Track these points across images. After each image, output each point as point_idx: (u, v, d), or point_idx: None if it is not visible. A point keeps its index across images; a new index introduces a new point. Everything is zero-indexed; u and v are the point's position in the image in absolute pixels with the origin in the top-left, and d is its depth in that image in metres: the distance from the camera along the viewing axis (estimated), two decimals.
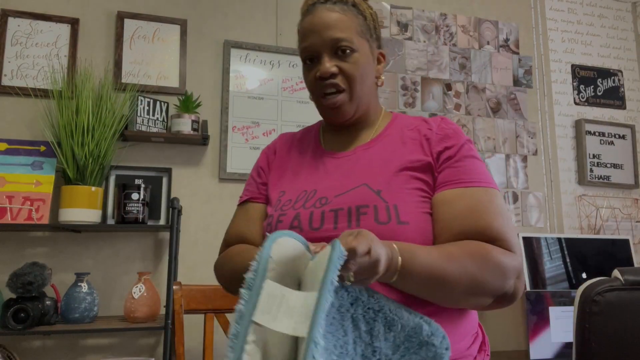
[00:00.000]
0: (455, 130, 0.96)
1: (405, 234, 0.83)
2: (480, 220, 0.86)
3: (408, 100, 2.57)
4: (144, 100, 2.09)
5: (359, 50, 0.96)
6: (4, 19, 2.07)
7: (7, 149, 1.94)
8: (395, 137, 0.98)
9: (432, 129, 0.96)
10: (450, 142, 0.94)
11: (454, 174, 0.91)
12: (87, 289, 1.84)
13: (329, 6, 0.96)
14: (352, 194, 0.90)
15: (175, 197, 1.95)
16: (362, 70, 0.96)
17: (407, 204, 0.87)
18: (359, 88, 0.96)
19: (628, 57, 3.04)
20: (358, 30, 0.96)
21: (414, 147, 0.95)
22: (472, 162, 0.93)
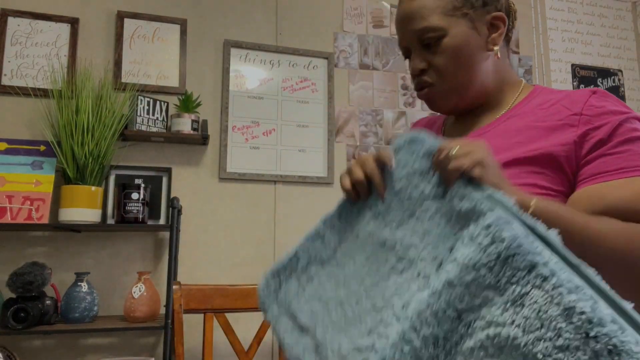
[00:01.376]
0: (611, 107, 0.75)
1: None
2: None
3: (408, 100, 2.57)
4: (144, 100, 2.09)
5: (450, 33, 0.81)
6: (4, 18, 2.06)
7: (7, 148, 1.94)
8: (521, 120, 0.82)
9: (574, 108, 0.77)
10: (600, 123, 0.74)
11: (609, 163, 0.72)
12: (87, 288, 1.84)
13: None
14: None
15: (175, 197, 1.95)
16: (456, 55, 0.82)
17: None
18: (455, 77, 0.83)
19: (628, 57, 3.04)
20: (447, 9, 0.82)
21: (540, 132, 0.77)
22: (634, 144, 0.72)
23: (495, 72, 0.87)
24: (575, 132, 0.75)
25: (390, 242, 0.65)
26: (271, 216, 2.27)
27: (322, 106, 2.42)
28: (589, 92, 0.78)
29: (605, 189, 0.71)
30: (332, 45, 2.49)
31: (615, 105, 0.76)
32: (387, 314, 0.61)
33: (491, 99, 0.88)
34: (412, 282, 0.60)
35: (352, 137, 2.45)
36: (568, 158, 0.74)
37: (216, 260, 2.18)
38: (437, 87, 0.85)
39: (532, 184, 0.74)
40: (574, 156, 0.74)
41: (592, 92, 0.78)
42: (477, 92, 0.86)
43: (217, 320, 1.48)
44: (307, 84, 2.42)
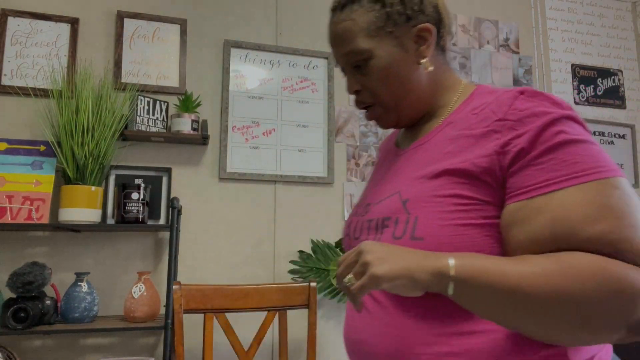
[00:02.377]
0: (536, 108, 0.69)
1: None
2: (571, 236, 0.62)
3: None
4: (144, 100, 2.09)
5: (376, 53, 0.81)
6: (4, 18, 2.06)
7: (7, 148, 1.94)
8: (455, 128, 0.79)
9: (498, 112, 0.72)
10: (521, 130, 0.68)
11: (531, 177, 0.67)
12: (87, 288, 1.83)
13: (336, 16, 0.85)
14: (384, 204, 0.80)
15: (175, 197, 1.95)
16: (385, 76, 0.81)
17: (431, 215, 0.71)
18: (390, 96, 0.83)
19: (628, 57, 3.04)
20: (370, 30, 0.81)
21: (470, 141, 0.74)
22: (562, 151, 0.66)
23: (431, 82, 0.85)
24: (498, 141, 0.70)
25: None
26: (271, 216, 2.27)
27: (322, 106, 2.42)
28: (516, 93, 0.73)
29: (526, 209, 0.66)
30: None
31: (541, 105, 0.70)
32: None
33: (433, 107, 0.87)
34: None
35: (352, 137, 2.45)
36: (491, 170, 0.70)
37: (216, 260, 2.18)
38: (375, 106, 0.85)
39: (457, 194, 0.71)
40: (498, 167, 0.70)
41: (519, 93, 0.73)
42: (416, 106, 0.85)
43: (217, 320, 1.48)
44: (307, 84, 2.42)
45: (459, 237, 0.69)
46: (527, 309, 0.60)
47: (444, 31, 0.85)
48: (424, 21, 0.83)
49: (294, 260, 2.23)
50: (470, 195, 0.70)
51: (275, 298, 1.57)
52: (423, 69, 0.83)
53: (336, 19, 0.84)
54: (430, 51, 0.83)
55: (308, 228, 2.31)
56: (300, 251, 2.25)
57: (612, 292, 0.58)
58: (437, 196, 0.72)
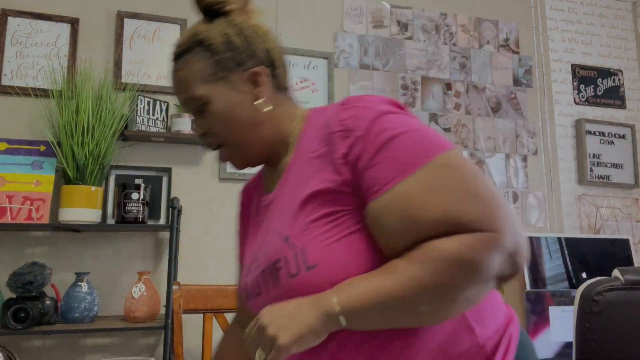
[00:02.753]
0: (357, 114, 0.75)
1: (317, 279, 0.72)
2: (420, 228, 0.68)
3: (408, 99, 2.57)
4: (144, 100, 2.09)
5: (211, 99, 0.84)
6: (4, 18, 2.07)
7: (7, 148, 1.94)
8: (302, 158, 0.83)
9: (330, 129, 0.78)
10: (352, 138, 0.74)
11: (372, 179, 0.72)
12: (87, 288, 1.84)
13: (175, 65, 0.88)
14: (268, 248, 0.80)
15: (175, 197, 1.95)
16: (224, 119, 0.84)
17: (314, 240, 0.74)
18: (232, 138, 0.85)
19: (628, 57, 3.04)
20: (203, 77, 0.84)
21: (319, 163, 0.78)
22: (388, 148, 0.72)
23: (273, 120, 0.87)
24: (338, 152, 0.75)
25: None
26: None
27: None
28: (339, 106, 0.79)
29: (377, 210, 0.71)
30: (332, 45, 2.49)
31: (360, 111, 0.75)
32: None
33: (280, 144, 0.89)
34: None
35: None
36: (344, 181, 0.75)
37: (216, 260, 2.18)
38: (223, 148, 0.88)
39: (326, 213, 0.75)
40: (348, 176, 0.74)
41: (341, 106, 0.78)
42: (260, 145, 0.87)
43: (217, 321, 1.48)
44: (307, 84, 2.42)
45: (346, 249, 0.73)
46: (408, 311, 0.68)
47: (278, 71, 0.89)
48: (256, 64, 0.86)
49: None
50: (337, 210, 0.75)
51: None
52: (259, 110, 0.85)
53: (174, 68, 0.88)
54: (266, 92, 0.86)
55: None
56: None
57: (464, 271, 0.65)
58: (311, 222, 0.75)
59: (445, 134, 2.59)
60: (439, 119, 2.60)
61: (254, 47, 0.86)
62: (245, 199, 1.04)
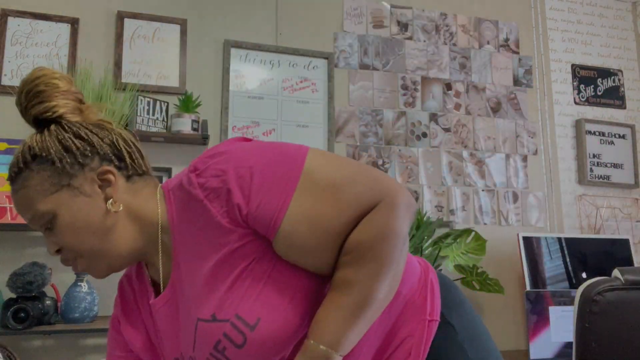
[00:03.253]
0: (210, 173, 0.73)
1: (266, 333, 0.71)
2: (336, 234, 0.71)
3: (408, 100, 2.57)
4: (144, 100, 2.09)
5: (58, 211, 0.77)
6: (4, 18, 2.07)
7: (7, 148, 1.94)
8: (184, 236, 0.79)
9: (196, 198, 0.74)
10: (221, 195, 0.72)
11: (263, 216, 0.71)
12: (87, 288, 1.84)
13: (13, 186, 0.81)
14: (199, 340, 0.76)
15: None
16: (75, 229, 0.78)
17: (242, 302, 0.72)
18: (87, 248, 0.79)
19: (628, 57, 3.04)
20: (45, 190, 0.77)
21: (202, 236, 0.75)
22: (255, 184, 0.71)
23: (132, 216, 0.81)
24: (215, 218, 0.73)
25: None
26: None
27: (322, 106, 2.42)
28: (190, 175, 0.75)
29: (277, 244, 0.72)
30: (332, 45, 2.49)
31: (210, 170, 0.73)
32: None
33: (149, 236, 0.82)
34: None
35: (352, 137, 2.45)
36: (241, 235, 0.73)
37: None
38: (81, 259, 0.80)
39: (235, 276, 0.73)
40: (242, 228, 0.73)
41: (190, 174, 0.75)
42: (125, 248, 0.81)
43: None
44: (307, 84, 2.42)
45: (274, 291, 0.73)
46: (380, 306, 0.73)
47: (128, 162, 0.82)
48: (101, 162, 0.80)
49: None
50: (247, 262, 0.73)
51: None
52: (113, 210, 0.79)
53: (13, 188, 0.81)
54: (117, 189, 0.80)
55: None
56: None
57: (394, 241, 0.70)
58: (229, 289, 0.73)
59: (445, 134, 2.59)
60: (439, 119, 2.60)
61: (95, 145, 0.80)
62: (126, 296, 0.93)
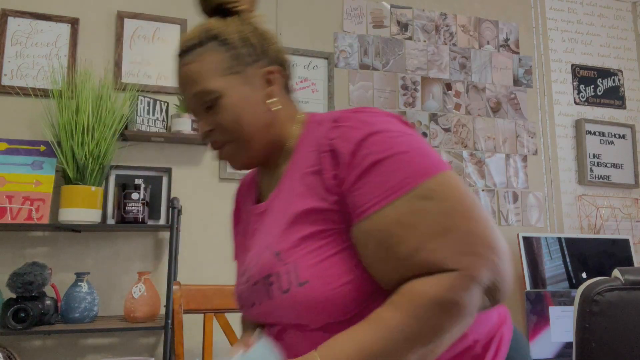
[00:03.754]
0: (345, 135, 0.75)
1: (308, 296, 0.72)
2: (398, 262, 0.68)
3: (408, 100, 2.57)
4: (144, 100, 2.09)
5: (226, 92, 0.82)
6: (4, 18, 2.06)
7: (7, 148, 1.94)
8: (297, 171, 0.83)
9: (321, 147, 0.78)
10: (338, 160, 0.74)
11: (355, 203, 0.72)
12: (87, 288, 1.84)
13: (184, 59, 0.85)
14: (261, 262, 0.80)
15: (175, 197, 1.95)
16: (236, 113, 0.83)
17: (305, 257, 0.74)
18: (240, 134, 0.84)
19: (628, 57, 3.04)
20: (220, 70, 0.83)
21: (310, 182, 0.78)
22: (371, 173, 0.71)
23: (279, 122, 0.87)
24: (328, 173, 0.75)
25: None
26: None
27: (322, 106, 2.42)
28: (331, 123, 0.78)
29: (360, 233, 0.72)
30: (332, 45, 2.49)
31: (348, 131, 0.75)
32: None
33: (280, 146, 0.88)
34: None
35: None
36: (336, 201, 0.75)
37: (216, 260, 2.18)
38: (230, 145, 0.86)
39: (317, 231, 0.75)
40: (338, 196, 0.75)
41: (333, 122, 0.78)
42: (265, 145, 0.86)
43: (217, 320, 1.48)
44: (307, 84, 2.42)
45: (336, 267, 0.73)
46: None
47: (287, 73, 0.89)
48: (269, 64, 0.86)
49: None
50: (327, 228, 0.75)
51: None
52: (270, 108, 0.85)
53: (184, 61, 0.85)
54: (277, 92, 0.86)
55: None
56: None
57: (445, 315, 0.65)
58: (302, 239, 0.76)
59: (445, 134, 2.59)
60: (439, 119, 2.60)
61: (267, 47, 0.86)
62: (238, 201, 1.03)
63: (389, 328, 0.66)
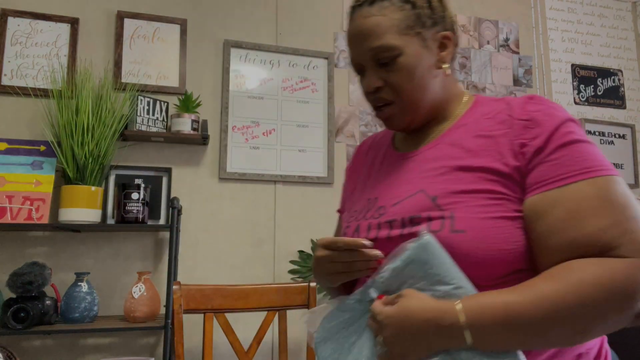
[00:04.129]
0: (547, 111, 0.77)
1: (460, 244, 0.71)
2: (582, 228, 0.67)
3: None
4: (144, 100, 2.09)
5: (404, 52, 0.83)
6: (4, 18, 2.06)
7: (7, 148, 1.94)
8: (468, 131, 0.83)
9: (513, 115, 0.78)
10: (536, 130, 0.75)
11: (546, 172, 0.72)
12: (87, 288, 1.84)
13: (365, 10, 0.85)
14: (407, 203, 0.80)
15: (175, 197, 1.95)
16: (411, 73, 0.83)
17: (467, 209, 0.74)
18: (412, 95, 0.85)
19: (628, 57, 3.04)
20: (401, 28, 0.83)
21: (487, 142, 0.79)
22: (572, 148, 0.73)
23: (444, 89, 0.89)
24: (517, 140, 0.76)
25: None
26: (271, 216, 2.27)
27: (322, 106, 2.42)
28: (526, 98, 0.80)
29: (544, 201, 0.71)
30: (332, 45, 2.49)
31: (550, 109, 0.77)
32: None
33: (439, 113, 0.90)
34: None
35: (352, 137, 2.45)
36: (517, 168, 0.75)
37: (216, 260, 2.18)
38: (396, 104, 0.86)
39: (489, 189, 0.75)
40: (521, 165, 0.75)
41: (528, 99, 0.80)
42: (429, 109, 0.88)
43: (217, 320, 1.48)
44: (307, 84, 2.42)
45: (497, 229, 0.72)
46: (537, 333, 0.64)
47: (457, 43, 0.91)
48: (445, 29, 0.88)
49: (294, 260, 2.24)
50: (500, 191, 0.75)
51: (274, 298, 1.57)
52: (441, 74, 0.87)
53: (365, 13, 0.85)
54: (450, 58, 0.88)
55: (308, 228, 2.31)
56: (300, 251, 2.25)
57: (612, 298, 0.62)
58: (468, 191, 0.75)
59: None
60: None
61: (445, 11, 0.88)
62: (363, 149, 1.05)
63: (543, 297, 0.63)
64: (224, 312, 1.49)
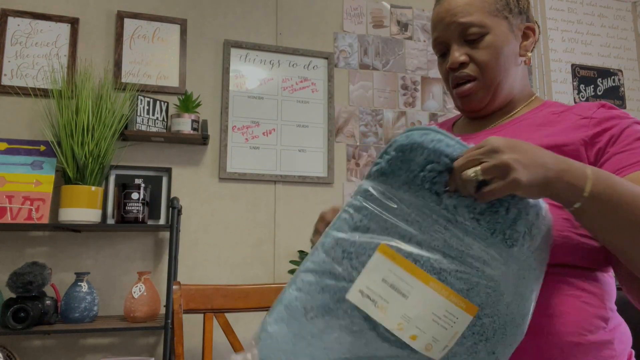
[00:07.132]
0: (618, 114, 0.81)
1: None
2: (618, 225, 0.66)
3: (408, 100, 2.57)
4: (144, 100, 2.09)
5: (492, 31, 0.86)
6: (4, 18, 2.06)
7: (7, 148, 1.94)
8: (533, 121, 0.85)
9: (584, 114, 0.82)
10: (609, 124, 0.79)
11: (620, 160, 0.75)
12: (87, 288, 1.83)
13: None
14: None
15: (175, 197, 1.95)
16: (497, 53, 0.86)
17: None
18: (495, 74, 0.86)
19: (628, 57, 3.04)
20: (491, 9, 0.86)
21: (555, 129, 0.81)
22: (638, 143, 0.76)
23: (521, 81, 0.92)
24: (587, 133, 0.78)
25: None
26: (271, 216, 2.27)
27: (322, 106, 2.42)
28: (598, 103, 0.84)
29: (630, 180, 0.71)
30: (332, 45, 2.49)
31: (621, 113, 0.81)
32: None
33: (509, 105, 0.92)
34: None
35: (352, 137, 2.45)
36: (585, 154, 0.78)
37: (216, 260, 2.18)
38: (479, 81, 0.88)
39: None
40: (591, 154, 0.78)
41: (600, 104, 0.83)
42: (506, 94, 0.90)
43: (217, 320, 1.48)
44: (307, 84, 2.42)
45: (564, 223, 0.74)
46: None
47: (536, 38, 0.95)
48: (530, 20, 0.93)
49: (294, 260, 2.24)
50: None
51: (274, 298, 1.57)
52: (522, 64, 0.91)
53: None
54: (532, 48, 0.92)
55: (308, 228, 2.31)
56: (300, 251, 2.25)
57: None
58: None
59: None
60: (439, 119, 2.60)
61: (528, 5, 0.94)
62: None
63: None
64: (224, 312, 1.49)
